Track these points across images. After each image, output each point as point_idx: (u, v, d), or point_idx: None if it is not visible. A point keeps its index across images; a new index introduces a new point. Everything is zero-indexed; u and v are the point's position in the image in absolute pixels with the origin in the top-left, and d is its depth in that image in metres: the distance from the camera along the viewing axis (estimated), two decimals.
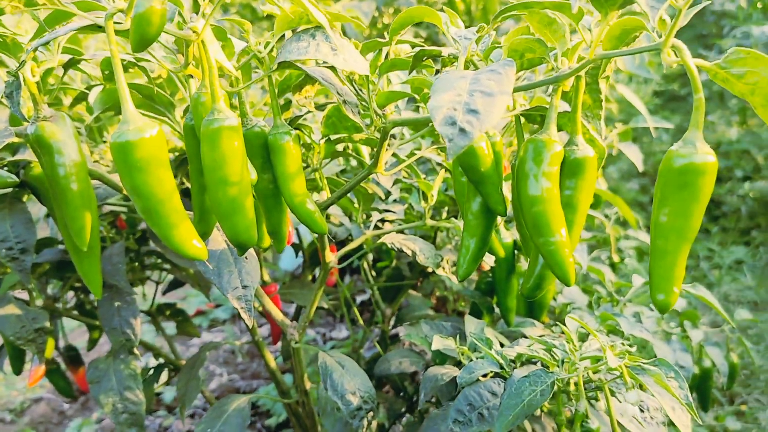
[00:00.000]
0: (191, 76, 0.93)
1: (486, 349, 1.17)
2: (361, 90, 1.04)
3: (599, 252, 2.38)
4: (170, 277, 1.92)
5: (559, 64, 0.82)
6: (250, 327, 1.04)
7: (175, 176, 1.40)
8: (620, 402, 0.99)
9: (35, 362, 1.55)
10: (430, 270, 1.97)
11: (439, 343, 1.23)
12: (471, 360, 1.24)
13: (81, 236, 0.97)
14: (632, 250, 2.73)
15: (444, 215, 1.74)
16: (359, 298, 3.37)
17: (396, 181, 1.55)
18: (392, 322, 1.93)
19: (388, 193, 1.64)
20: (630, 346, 1.05)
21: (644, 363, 0.89)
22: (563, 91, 0.86)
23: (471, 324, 1.32)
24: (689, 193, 0.73)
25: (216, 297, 3.50)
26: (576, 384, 0.98)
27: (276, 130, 0.98)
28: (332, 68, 1.03)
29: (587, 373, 0.94)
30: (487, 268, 1.66)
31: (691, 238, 0.76)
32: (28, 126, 0.95)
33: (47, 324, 1.32)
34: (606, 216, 2.27)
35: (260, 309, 1.59)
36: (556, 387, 0.96)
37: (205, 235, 1.01)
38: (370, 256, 2.08)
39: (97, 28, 0.78)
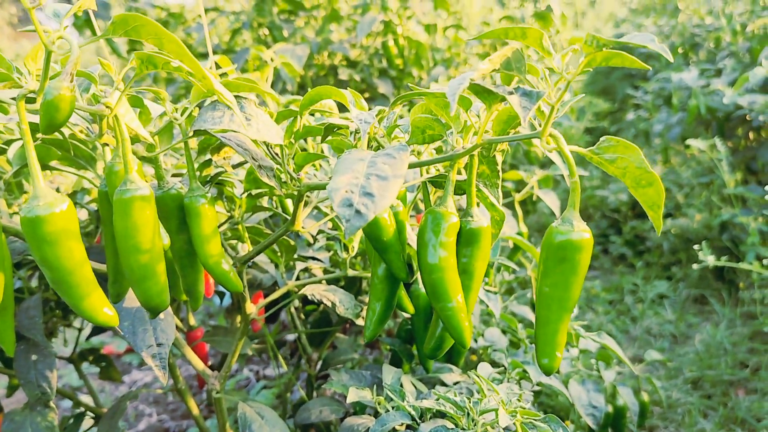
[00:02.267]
0: (107, 144, 0.96)
1: (399, 402, 1.22)
2: (276, 154, 1.08)
3: (527, 291, 2.47)
4: None
5: (454, 142, 0.88)
6: (165, 384, 1.06)
7: (97, 227, 1.41)
8: None
9: None
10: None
11: (354, 395, 1.27)
12: (387, 410, 1.28)
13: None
14: None
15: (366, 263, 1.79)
16: (290, 336, 3.37)
17: (320, 231, 1.59)
18: (318, 366, 1.95)
19: (315, 240, 1.69)
20: (541, 392, 1.12)
21: (535, 420, 0.95)
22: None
23: (388, 374, 1.37)
24: (568, 266, 0.80)
25: None
26: None
27: (192, 193, 1.01)
28: None
29: (485, 429, 0.99)
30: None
31: (570, 308, 0.82)
32: None
33: None
34: (527, 258, 2.37)
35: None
36: None
37: (119, 296, 1.02)
38: (297, 302, 2.11)
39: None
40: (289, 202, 1.54)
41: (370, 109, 1.02)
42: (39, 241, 0.76)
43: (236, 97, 0.99)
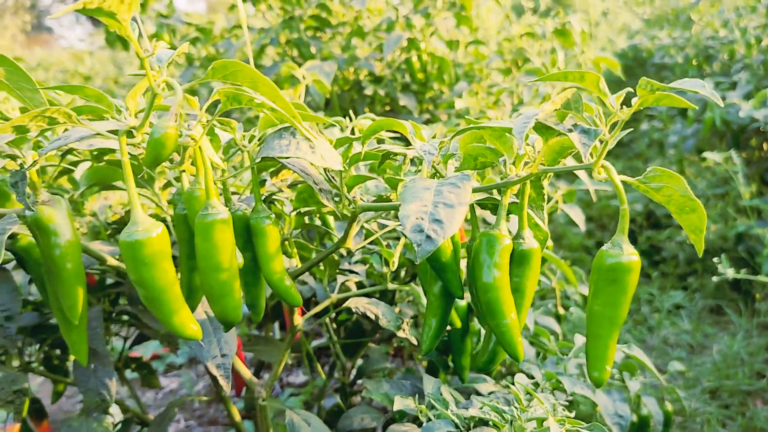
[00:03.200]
0: (184, 170, 1.03)
1: (443, 410, 1.29)
2: (333, 178, 1.15)
3: (547, 301, 2.53)
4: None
5: (507, 170, 0.95)
6: (228, 393, 1.13)
7: None
8: None
9: (10, 420, 1.59)
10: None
11: (400, 403, 1.34)
12: (429, 418, 1.35)
13: (73, 311, 1.05)
14: (578, 296, 2.90)
15: (402, 274, 1.86)
16: (315, 342, 3.44)
17: (360, 247, 1.66)
18: (352, 375, 2.02)
19: (351, 254, 1.76)
20: (571, 401, 1.18)
21: (582, 429, 1.01)
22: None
23: (429, 384, 1.43)
24: (618, 287, 0.87)
25: (183, 351, 3.52)
26: None
27: (257, 214, 1.09)
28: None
29: None
30: None
31: (619, 324, 0.89)
32: (26, 210, 1.03)
33: (26, 385, 1.38)
34: (551, 270, 2.43)
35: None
36: None
37: (191, 310, 1.10)
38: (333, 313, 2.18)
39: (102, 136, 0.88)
40: (331, 220, 1.62)
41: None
42: (137, 263, 0.84)
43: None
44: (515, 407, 1.12)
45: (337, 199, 1.18)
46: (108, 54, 8.56)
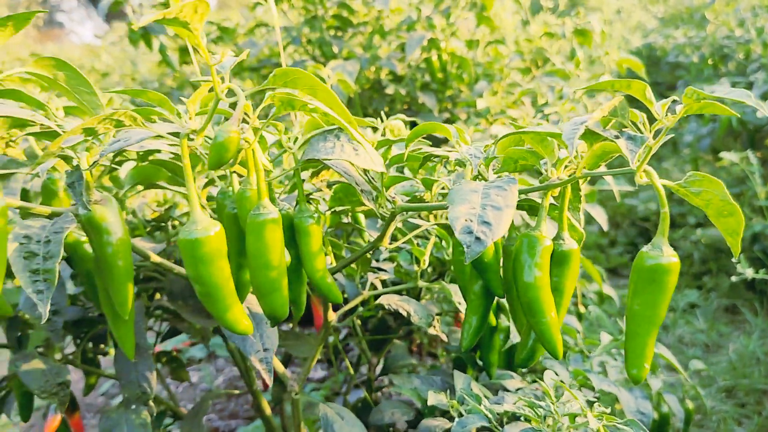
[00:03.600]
0: (235, 171, 1.07)
1: (476, 405, 1.32)
2: (373, 179, 1.19)
3: None
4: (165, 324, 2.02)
5: (548, 173, 0.98)
6: (270, 385, 1.17)
7: None
8: None
9: (51, 412, 1.63)
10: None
11: (433, 398, 1.37)
12: (460, 413, 1.38)
13: (124, 307, 1.09)
14: (594, 294, 2.92)
15: (429, 272, 1.89)
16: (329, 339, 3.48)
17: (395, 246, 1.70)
18: (377, 371, 2.06)
19: (379, 252, 1.80)
20: (598, 397, 1.21)
21: (619, 423, 1.04)
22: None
23: (459, 379, 1.47)
24: (657, 287, 0.90)
25: (213, 345, 3.57)
26: None
27: (301, 213, 1.12)
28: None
29: (569, 431, 1.09)
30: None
31: (658, 323, 0.92)
32: (79, 208, 1.07)
33: (68, 378, 1.42)
34: None
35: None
36: None
37: None
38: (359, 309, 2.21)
39: (161, 138, 0.92)
40: (362, 219, 1.65)
41: (411, 124, 1.13)
42: (195, 260, 0.87)
43: (342, 129, 1.09)
44: (551, 402, 1.15)
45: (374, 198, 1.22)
46: (118, 49, 8.61)
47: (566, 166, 0.99)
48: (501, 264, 1.08)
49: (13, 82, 0.96)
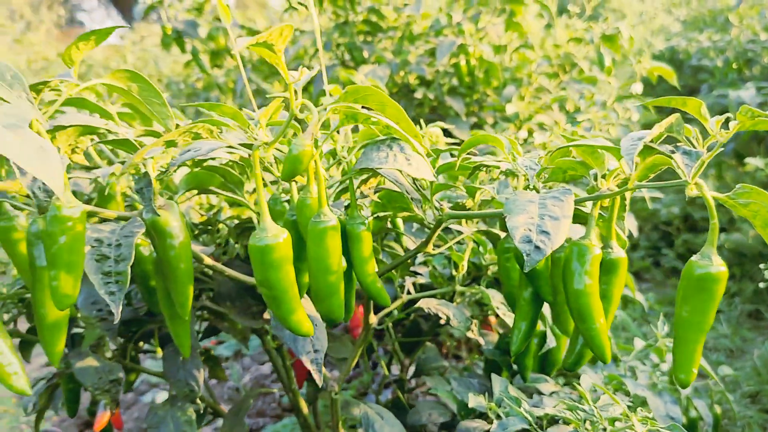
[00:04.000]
0: (295, 180, 1.11)
1: (516, 408, 1.35)
2: (421, 187, 1.23)
3: None
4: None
5: (598, 183, 1.01)
6: (320, 384, 1.21)
7: (236, 243, 1.57)
8: None
9: (100, 408, 1.69)
10: (442, 322, 2.16)
11: (474, 401, 1.41)
12: (498, 416, 1.42)
13: (185, 308, 1.14)
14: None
15: (464, 275, 1.93)
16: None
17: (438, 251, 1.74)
18: (410, 372, 2.10)
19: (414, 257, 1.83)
20: (632, 401, 1.24)
21: (662, 428, 1.07)
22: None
23: (497, 383, 1.50)
24: (706, 295, 0.93)
25: (229, 344, 3.62)
26: None
27: (353, 220, 1.16)
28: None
29: None
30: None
31: (706, 330, 0.95)
32: (144, 212, 1.12)
33: (121, 375, 1.47)
34: None
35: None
36: None
37: None
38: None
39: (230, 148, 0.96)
40: (400, 223, 1.69)
41: (444, 130, 1.16)
42: (264, 266, 0.92)
43: (394, 139, 1.13)
44: (594, 406, 1.18)
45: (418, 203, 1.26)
46: (139, 49, 8.70)
47: (615, 177, 1.02)
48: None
49: (92, 91, 1.01)
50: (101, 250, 1.02)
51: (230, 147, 0.91)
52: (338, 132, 0.98)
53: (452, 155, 1.42)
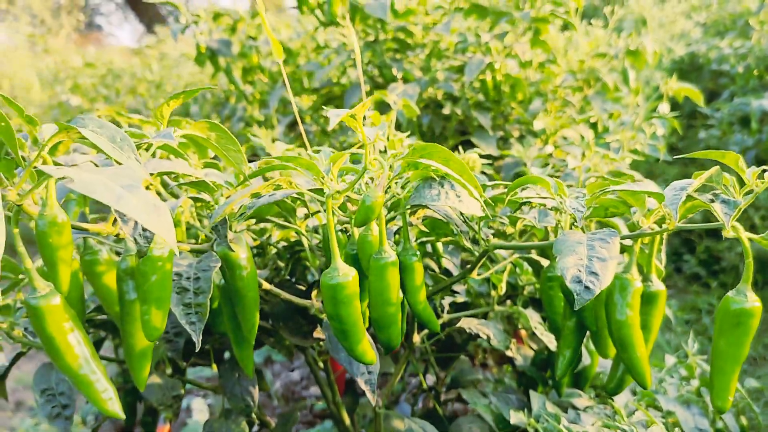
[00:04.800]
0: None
1: (555, 425, 1.43)
2: (468, 219, 1.31)
3: None
4: None
5: (639, 221, 1.09)
6: (373, 402, 1.30)
7: (287, 266, 1.66)
8: None
9: (161, 422, 1.79)
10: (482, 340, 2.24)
11: (515, 417, 1.49)
12: (536, 431, 1.50)
13: (252, 332, 1.24)
14: None
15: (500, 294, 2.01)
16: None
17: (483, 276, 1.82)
18: (445, 385, 2.18)
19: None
20: (664, 417, 1.31)
21: None
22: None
23: (535, 399, 1.58)
24: (741, 329, 1.01)
25: (259, 352, 3.72)
26: None
27: (406, 252, 1.25)
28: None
29: None
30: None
31: (741, 360, 1.03)
32: (216, 245, 1.21)
33: (182, 391, 1.57)
34: None
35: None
36: None
37: None
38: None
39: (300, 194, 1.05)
40: (440, 247, 1.78)
41: (464, 143, 1.24)
42: (335, 302, 1.01)
43: (444, 176, 1.21)
44: (632, 425, 1.26)
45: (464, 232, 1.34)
46: (158, 53, 8.85)
47: (654, 215, 1.10)
48: None
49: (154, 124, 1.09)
50: (181, 283, 1.11)
51: (300, 193, 1.00)
52: (398, 174, 1.07)
53: (488, 176, 1.50)
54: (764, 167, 0.92)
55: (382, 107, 2.72)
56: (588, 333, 1.28)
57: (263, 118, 3.85)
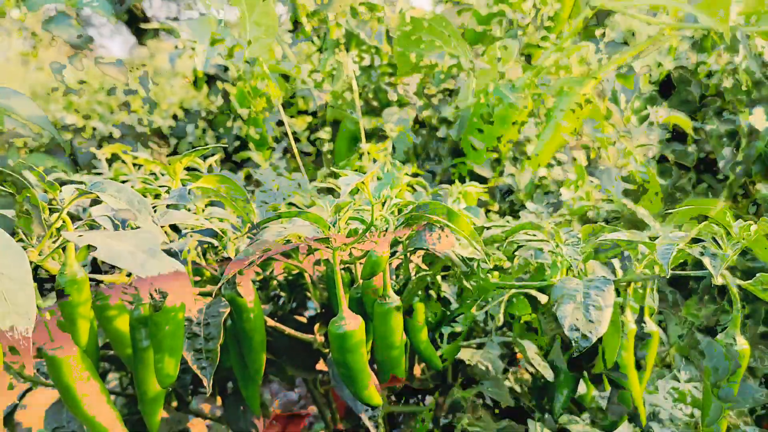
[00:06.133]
0: (360, 261, 1.24)
1: None
2: (468, 258, 1.35)
3: None
4: None
5: (633, 267, 1.14)
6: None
7: (289, 299, 1.70)
8: None
9: None
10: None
11: None
12: None
13: (259, 373, 1.28)
14: None
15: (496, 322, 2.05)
16: None
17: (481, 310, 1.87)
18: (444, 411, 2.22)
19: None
20: None
21: None
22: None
23: (532, 426, 1.63)
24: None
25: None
26: None
27: (408, 294, 1.29)
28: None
29: None
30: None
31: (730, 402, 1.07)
32: (222, 288, 1.25)
33: (188, 425, 1.61)
34: None
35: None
36: None
37: None
38: None
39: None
40: (438, 278, 1.82)
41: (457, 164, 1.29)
42: (342, 350, 1.05)
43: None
44: None
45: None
46: (151, 70, 8.88)
47: (646, 260, 1.15)
48: None
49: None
50: (192, 329, 1.15)
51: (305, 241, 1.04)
52: (401, 224, 1.11)
53: (482, 201, 1.55)
54: (750, 222, 0.96)
55: (378, 131, 2.77)
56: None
57: (258, 137, 3.90)
